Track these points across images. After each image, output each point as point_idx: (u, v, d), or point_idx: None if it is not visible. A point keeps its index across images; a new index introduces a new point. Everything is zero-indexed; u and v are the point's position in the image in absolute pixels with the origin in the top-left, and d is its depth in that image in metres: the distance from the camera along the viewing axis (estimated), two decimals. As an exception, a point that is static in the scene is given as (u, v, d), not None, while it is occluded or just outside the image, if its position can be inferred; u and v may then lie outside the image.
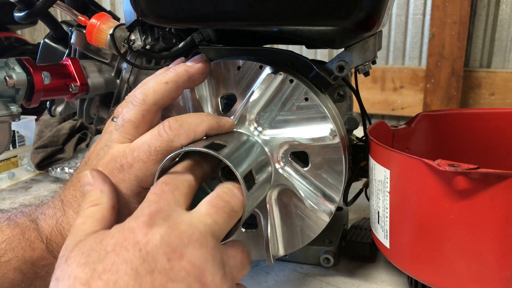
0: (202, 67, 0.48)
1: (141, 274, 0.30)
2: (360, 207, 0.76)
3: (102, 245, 0.32)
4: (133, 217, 0.34)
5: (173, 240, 0.32)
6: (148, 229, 0.32)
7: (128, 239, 0.32)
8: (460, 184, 0.42)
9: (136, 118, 0.44)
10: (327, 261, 0.59)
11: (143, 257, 0.31)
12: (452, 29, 1.39)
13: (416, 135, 0.65)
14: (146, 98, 0.44)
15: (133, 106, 0.44)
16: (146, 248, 0.31)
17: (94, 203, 0.37)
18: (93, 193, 0.38)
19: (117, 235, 0.32)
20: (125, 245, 0.31)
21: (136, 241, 0.32)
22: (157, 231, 0.32)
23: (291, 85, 0.48)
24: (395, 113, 1.54)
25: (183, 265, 0.32)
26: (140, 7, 0.48)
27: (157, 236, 0.32)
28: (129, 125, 0.44)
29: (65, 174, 0.99)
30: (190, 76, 0.47)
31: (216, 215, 0.36)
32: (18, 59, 0.61)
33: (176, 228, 0.33)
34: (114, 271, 0.30)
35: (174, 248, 0.32)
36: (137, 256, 0.31)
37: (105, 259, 0.31)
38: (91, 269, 0.30)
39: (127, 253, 0.31)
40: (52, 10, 0.67)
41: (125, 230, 0.33)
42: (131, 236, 0.32)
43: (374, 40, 0.52)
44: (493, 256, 0.43)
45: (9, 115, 0.58)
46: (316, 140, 0.48)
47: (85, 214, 0.36)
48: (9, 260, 0.42)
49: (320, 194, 0.50)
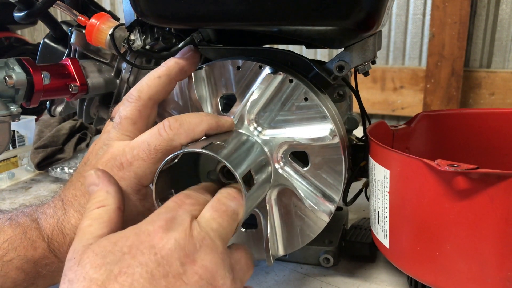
0: (191, 57, 0.49)
1: (156, 277, 0.31)
2: (360, 207, 0.76)
3: (117, 246, 0.32)
4: (149, 221, 0.35)
5: (187, 245, 0.33)
6: (164, 234, 0.33)
7: (144, 243, 0.32)
8: (460, 184, 0.42)
9: (132, 114, 0.44)
10: (327, 261, 0.59)
11: (158, 261, 0.31)
12: (452, 29, 1.39)
13: (416, 135, 0.65)
14: (141, 94, 0.45)
15: (129, 103, 0.45)
16: (161, 252, 0.32)
17: (100, 205, 0.37)
18: (99, 194, 0.38)
19: (133, 238, 0.33)
20: (141, 248, 0.32)
21: (152, 245, 0.32)
22: (172, 235, 0.33)
23: (291, 85, 0.48)
24: (395, 113, 1.54)
25: (196, 269, 0.32)
26: (139, 7, 0.48)
27: (172, 240, 0.33)
28: (127, 122, 0.44)
29: (65, 174, 0.99)
30: (181, 68, 0.48)
31: (220, 218, 0.37)
32: (18, 59, 0.61)
33: (189, 234, 0.34)
34: (130, 274, 0.30)
35: (187, 253, 0.33)
36: (153, 259, 0.31)
37: (120, 261, 0.31)
38: (107, 270, 0.30)
39: (142, 256, 0.31)
40: (52, 10, 0.67)
41: (141, 233, 0.33)
42: (147, 240, 0.32)
43: (374, 40, 0.52)
44: (493, 256, 0.43)
45: (9, 115, 0.58)
46: (316, 140, 0.48)
47: (92, 216, 0.36)
48: (11, 259, 0.43)
49: (319, 194, 0.50)
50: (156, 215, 0.35)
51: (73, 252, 0.33)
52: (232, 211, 0.38)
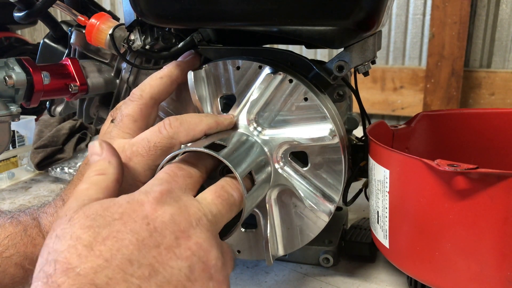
0: (192, 59, 0.51)
1: (146, 246, 0.30)
2: (360, 207, 0.76)
3: (109, 211, 0.31)
4: (143, 191, 0.34)
5: (182, 221, 0.32)
6: (158, 206, 0.33)
7: (137, 211, 0.32)
8: (459, 184, 0.42)
9: (134, 112, 0.45)
10: (326, 261, 0.59)
11: (151, 230, 0.31)
12: (452, 29, 1.39)
13: (416, 135, 0.65)
14: (143, 93, 0.46)
15: (131, 102, 0.46)
16: (155, 223, 0.31)
17: (100, 172, 0.36)
18: (100, 163, 0.37)
19: (126, 205, 0.32)
20: (134, 216, 0.31)
21: (145, 215, 0.32)
22: (167, 209, 0.33)
23: (291, 85, 0.48)
24: (395, 113, 1.54)
25: (189, 245, 0.32)
26: (139, 7, 0.48)
27: (167, 214, 0.32)
28: (128, 119, 0.45)
29: (65, 174, 0.99)
30: (182, 70, 0.49)
31: (221, 205, 0.36)
32: (17, 59, 0.61)
33: (186, 211, 0.33)
34: (119, 239, 0.30)
35: (182, 229, 0.32)
36: (145, 228, 0.31)
37: (110, 226, 0.30)
38: (95, 232, 0.30)
39: (134, 224, 0.31)
40: (52, 10, 0.67)
41: (134, 202, 0.33)
42: (140, 209, 0.32)
43: (374, 40, 0.52)
44: (493, 256, 0.43)
45: (8, 115, 0.58)
46: (316, 140, 0.48)
47: (90, 181, 0.35)
48: (10, 255, 0.43)
49: (319, 194, 0.50)
50: (150, 185, 0.35)
51: (66, 210, 0.33)
52: (233, 201, 0.38)
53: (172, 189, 0.35)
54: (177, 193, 0.35)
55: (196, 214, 0.34)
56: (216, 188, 0.38)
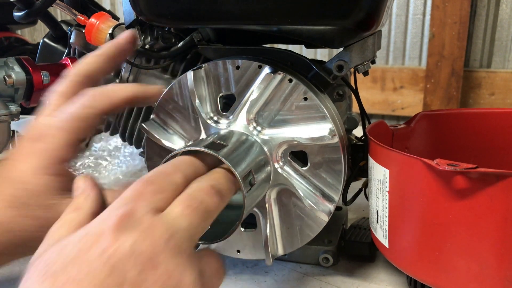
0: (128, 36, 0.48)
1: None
2: (359, 206, 0.76)
3: (63, 253, 0.28)
4: (101, 218, 0.30)
5: (146, 249, 0.28)
6: (118, 234, 0.29)
7: (93, 248, 0.28)
8: (459, 183, 0.42)
9: (63, 88, 0.44)
10: (326, 261, 0.59)
11: (110, 268, 0.27)
12: (452, 29, 1.39)
13: (416, 134, 0.65)
14: (77, 71, 0.45)
15: (64, 80, 0.44)
16: (114, 258, 0.28)
17: (74, 208, 0.34)
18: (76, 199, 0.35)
19: (82, 242, 0.29)
20: (89, 255, 0.28)
21: (102, 250, 0.28)
22: (127, 238, 0.28)
23: (290, 85, 0.48)
24: (395, 113, 1.54)
25: (157, 276, 0.28)
26: (139, 6, 0.48)
27: (126, 244, 0.28)
28: (56, 95, 0.44)
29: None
30: (119, 46, 0.47)
31: (192, 216, 0.32)
32: (17, 59, 0.61)
33: (150, 234, 0.29)
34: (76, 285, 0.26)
35: (147, 258, 0.28)
36: (102, 268, 0.27)
37: (67, 270, 0.27)
38: (50, 283, 0.27)
39: (90, 265, 0.27)
40: (52, 10, 0.67)
41: (90, 235, 0.29)
42: (96, 244, 0.28)
43: (373, 40, 0.52)
44: (492, 255, 0.43)
45: (8, 114, 0.58)
46: (315, 140, 0.48)
47: (63, 220, 0.33)
48: None
49: (319, 193, 0.50)
50: (110, 210, 0.31)
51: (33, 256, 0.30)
52: (205, 208, 0.33)
53: (134, 211, 0.30)
54: (139, 214, 0.30)
55: (163, 235, 0.29)
56: (184, 197, 0.33)
